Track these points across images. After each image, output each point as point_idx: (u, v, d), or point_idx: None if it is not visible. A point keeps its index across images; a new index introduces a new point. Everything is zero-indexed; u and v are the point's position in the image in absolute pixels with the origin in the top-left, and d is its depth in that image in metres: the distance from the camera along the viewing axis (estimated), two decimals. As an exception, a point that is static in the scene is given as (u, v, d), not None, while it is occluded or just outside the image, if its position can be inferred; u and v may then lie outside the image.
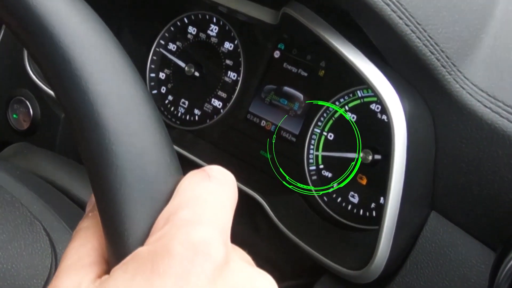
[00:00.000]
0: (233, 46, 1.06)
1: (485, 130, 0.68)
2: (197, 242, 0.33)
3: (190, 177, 0.39)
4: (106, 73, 0.37)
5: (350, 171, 0.91)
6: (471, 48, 0.70)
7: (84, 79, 0.36)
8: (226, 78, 1.06)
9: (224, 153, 1.04)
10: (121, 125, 0.36)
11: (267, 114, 1.01)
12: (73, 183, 0.88)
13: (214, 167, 0.40)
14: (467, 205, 0.72)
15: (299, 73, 0.99)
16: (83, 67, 0.37)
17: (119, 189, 0.36)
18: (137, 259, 0.34)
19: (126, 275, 0.33)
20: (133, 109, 0.37)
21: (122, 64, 0.38)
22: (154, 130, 0.38)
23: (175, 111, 1.11)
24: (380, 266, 0.73)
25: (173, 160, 0.39)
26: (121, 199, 0.36)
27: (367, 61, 0.71)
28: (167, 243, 0.33)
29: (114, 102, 0.37)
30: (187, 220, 0.35)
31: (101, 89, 0.37)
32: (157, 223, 0.36)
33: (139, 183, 0.36)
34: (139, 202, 0.36)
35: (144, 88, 0.39)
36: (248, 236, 0.99)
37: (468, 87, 0.68)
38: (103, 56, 0.38)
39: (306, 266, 0.95)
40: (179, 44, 1.11)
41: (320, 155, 0.95)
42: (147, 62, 1.13)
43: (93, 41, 0.38)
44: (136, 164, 0.36)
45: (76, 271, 0.37)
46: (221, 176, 0.39)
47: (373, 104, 0.91)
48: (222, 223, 0.36)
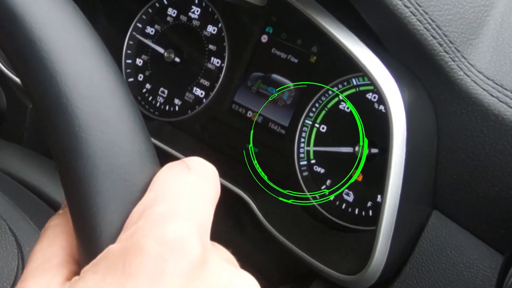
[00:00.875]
0: (217, 29, 1.05)
1: (491, 122, 0.67)
2: (172, 239, 0.33)
3: (168, 168, 0.38)
4: (75, 54, 0.37)
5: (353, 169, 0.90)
6: (476, 32, 0.70)
7: (50, 61, 0.36)
8: (209, 65, 1.06)
9: (206, 146, 1.04)
10: (92, 110, 0.36)
11: (253, 104, 1.00)
12: (42, 179, 0.89)
13: (195, 158, 0.40)
14: (472, 204, 0.72)
15: (289, 59, 0.98)
16: (50, 47, 0.36)
17: (89, 180, 0.35)
18: (108, 257, 0.33)
19: (97, 276, 0.33)
20: (105, 93, 0.37)
21: (92, 45, 0.38)
22: (128, 116, 0.37)
23: (154, 100, 1.11)
24: (377, 270, 0.73)
25: (149, 149, 0.39)
26: (92, 191, 0.35)
27: (363, 46, 0.71)
28: (140, 239, 0.33)
29: (84, 85, 0.36)
30: (163, 215, 0.34)
31: (70, 71, 0.36)
32: (131, 218, 0.36)
33: (112, 174, 0.36)
34: (112, 194, 0.36)
35: (116, 71, 0.39)
36: (232, 238, 0.99)
37: (473, 75, 0.68)
38: (72, 36, 0.37)
39: (296, 271, 0.96)
40: (157, 27, 1.11)
41: (311, 149, 0.95)
42: (122, 47, 1.13)
43: (60, 20, 0.37)
44: (108, 153, 0.36)
45: (43, 273, 0.36)
46: (202, 168, 0.39)
47: (369, 93, 0.90)
48: (201, 219, 0.36)
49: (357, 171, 0.90)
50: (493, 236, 0.72)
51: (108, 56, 0.39)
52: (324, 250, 0.84)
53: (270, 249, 0.93)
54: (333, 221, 0.92)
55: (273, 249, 0.88)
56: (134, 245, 0.33)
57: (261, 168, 0.98)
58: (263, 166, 0.98)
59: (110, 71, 0.38)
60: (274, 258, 0.97)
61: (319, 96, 0.94)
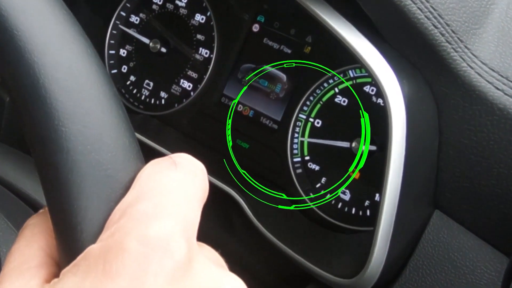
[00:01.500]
0: (205, 18, 1.05)
1: (496, 116, 0.67)
2: (155, 238, 0.33)
3: (153, 164, 0.38)
4: (54, 44, 0.37)
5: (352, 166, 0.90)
6: (480, 21, 0.70)
7: (28, 50, 0.36)
8: (197, 56, 1.05)
9: (194, 142, 1.04)
10: (72, 103, 0.36)
11: (244, 97, 1.00)
12: (19, 176, 0.89)
13: (182, 154, 0.40)
14: (476, 203, 0.72)
15: (282, 49, 0.98)
16: (28, 36, 0.36)
17: (70, 177, 0.35)
18: (88, 258, 0.33)
19: (76, 277, 0.33)
20: (86, 85, 0.37)
21: (73, 34, 0.38)
22: (110, 109, 0.37)
23: (138, 93, 1.10)
24: (376, 273, 0.73)
25: (133, 144, 0.39)
26: (73, 188, 0.35)
27: (360, 36, 0.70)
28: (121, 238, 0.33)
29: (64, 76, 0.36)
30: (146, 213, 0.34)
31: (49, 61, 0.36)
32: (113, 216, 0.36)
33: (93, 170, 0.36)
34: (93, 191, 0.36)
35: (99, 61, 0.38)
36: (221, 238, 0.99)
37: (477, 66, 0.68)
38: (51, 24, 0.37)
39: (289, 274, 0.96)
40: (142, 16, 1.10)
41: (306, 143, 0.94)
42: (105, 37, 1.12)
43: (39, 8, 0.37)
44: (89, 148, 0.36)
45: (20, 275, 0.36)
46: (189, 165, 0.39)
47: (367, 86, 0.90)
48: (187, 218, 0.35)
49: (357, 168, 0.90)
50: (498, 237, 0.72)
51: (90, 46, 0.38)
52: (319, 252, 0.84)
53: (262, 251, 0.94)
54: (328, 221, 0.92)
55: (265, 250, 0.89)
56: (115, 245, 0.33)
57: (252, 166, 0.98)
58: (254, 163, 0.98)
59: (92, 62, 0.38)
60: (265, 260, 0.97)
61: (313, 88, 0.94)
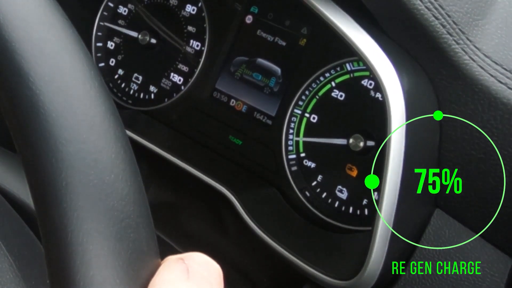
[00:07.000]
0: (196, 9, 1.05)
1: (499, 111, 0.68)
2: None
3: (165, 272, 0.37)
4: (39, 34, 0.37)
5: (351, 164, 0.90)
6: (483, 12, 0.70)
7: (11, 40, 0.36)
8: (188, 48, 1.05)
9: (185, 138, 1.03)
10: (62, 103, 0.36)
11: (237, 91, 1.00)
12: (5, 175, 0.87)
13: (195, 255, 0.38)
14: (478, 202, 0.72)
15: (276, 42, 0.98)
16: (10, 25, 0.36)
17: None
18: None
19: None
20: (72, 82, 0.36)
21: (60, 26, 0.38)
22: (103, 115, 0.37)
23: (127, 88, 1.10)
24: (374, 275, 0.73)
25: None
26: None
27: (358, 27, 0.71)
28: None
29: (50, 75, 0.36)
30: None
31: (32, 52, 0.36)
32: None
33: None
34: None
35: (86, 54, 0.38)
36: (213, 239, 1.00)
37: (480, 59, 0.68)
38: (35, 14, 0.37)
39: (284, 276, 0.96)
40: (131, 7, 1.10)
41: (301, 141, 0.94)
42: (92, 29, 1.12)
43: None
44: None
45: None
46: (203, 271, 0.38)
47: (365, 79, 0.90)
48: None
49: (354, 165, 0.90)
50: (502, 238, 0.73)
51: (77, 37, 0.38)
52: (315, 253, 0.84)
53: (256, 252, 0.94)
54: (325, 220, 0.92)
55: (259, 251, 0.89)
56: None
57: (246, 163, 0.98)
58: (247, 160, 0.98)
59: (79, 54, 0.38)
60: (260, 261, 0.98)
61: (309, 82, 0.94)
